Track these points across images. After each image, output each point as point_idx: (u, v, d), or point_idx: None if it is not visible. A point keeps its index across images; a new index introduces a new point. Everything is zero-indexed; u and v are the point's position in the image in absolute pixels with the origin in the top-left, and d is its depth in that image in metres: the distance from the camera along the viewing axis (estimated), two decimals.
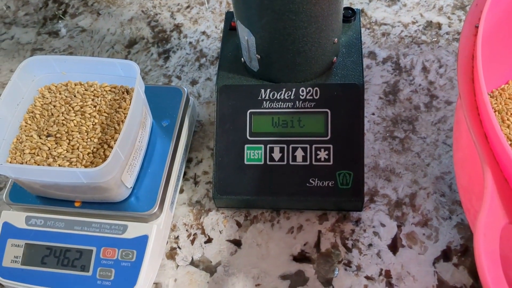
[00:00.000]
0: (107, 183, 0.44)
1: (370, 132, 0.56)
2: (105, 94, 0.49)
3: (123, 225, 0.48)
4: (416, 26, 0.65)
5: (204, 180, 0.56)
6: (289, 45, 0.47)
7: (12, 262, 0.48)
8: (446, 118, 0.56)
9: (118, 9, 0.73)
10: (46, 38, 0.72)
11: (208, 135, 0.59)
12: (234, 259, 0.51)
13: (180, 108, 0.54)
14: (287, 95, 0.51)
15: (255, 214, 0.53)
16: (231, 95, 0.52)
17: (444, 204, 0.51)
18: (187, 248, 0.52)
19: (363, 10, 0.67)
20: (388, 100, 0.59)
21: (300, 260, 0.50)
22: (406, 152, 0.55)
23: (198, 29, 0.69)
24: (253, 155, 0.51)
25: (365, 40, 0.64)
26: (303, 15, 0.44)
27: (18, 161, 0.46)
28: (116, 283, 0.47)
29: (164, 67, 0.66)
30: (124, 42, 0.69)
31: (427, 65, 0.61)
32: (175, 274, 0.50)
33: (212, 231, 0.53)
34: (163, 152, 0.51)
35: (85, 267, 0.47)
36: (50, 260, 0.48)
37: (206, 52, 0.66)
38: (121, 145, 0.43)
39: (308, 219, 0.52)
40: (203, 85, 0.63)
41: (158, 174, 0.50)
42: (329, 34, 0.48)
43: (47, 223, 0.49)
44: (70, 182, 0.44)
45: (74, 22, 0.73)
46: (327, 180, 0.50)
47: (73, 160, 0.45)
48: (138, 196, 0.49)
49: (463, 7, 0.66)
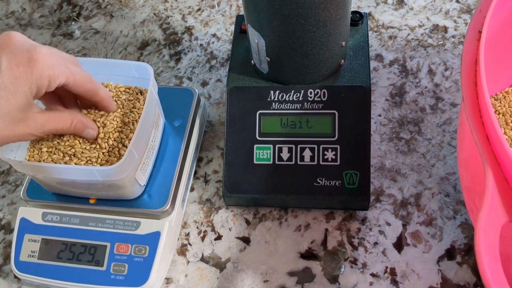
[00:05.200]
0: (122, 181, 0.46)
1: (377, 133, 0.58)
2: (120, 95, 0.51)
3: (136, 222, 0.50)
4: (422, 29, 0.66)
5: (214, 179, 0.57)
6: (298, 48, 0.48)
7: (29, 257, 0.50)
8: (451, 120, 0.58)
9: (130, 11, 0.75)
10: (60, 40, 0.74)
11: (218, 135, 0.61)
12: (243, 255, 0.52)
13: (192, 109, 0.55)
14: (296, 96, 0.53)
15: (263, 212, 0.54)
16: (241, 96, 0.54)
17: (449, 204, 0.52)
18: (197, 245, 0.53)
19: (370, 14, 0.68)
20: (394, 102, 0.60)
21: (307, 257, 0.51)
22: (412, 153, 0.56)
23: (208, 32, 0.70)
24: (262, 155, 0.52)
25: (372, 43, 0.65)
26: (312, 19, 0.45)
27: (35, 159, 0.48)
28: (129, 277, 0.48)
29: (175, 69, 0.67)
30: (137, 44, 0.71)
31: (433, 68, 0.62)
32: (185, 270, 0.52)
33: (222, 228, 0.54)
34: (175, 151, 0.53)
35: (99, 262, 0.49)
36: (65, 255, 0.50)
37: (216, 54, 0.68)
38: (135, 144, 0.45)
39: (315, 218, 0.53)
40: (213, 86, 0.65)
41: (170, 173, 0.51)
42: (337, 38, 0.49)
43: (63, 219, 0.51)
44: (86, 180, 0.46)
45: (88, 24, 0.75)
46: (334, 180, 0.51)
47: (89, 159, 0.47)
48: (151, 193, 0.51)
49: (469, 11, 0.67)
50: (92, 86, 0.45)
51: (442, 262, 0.49)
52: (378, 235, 0.51)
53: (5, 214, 0.58)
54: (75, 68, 0.43)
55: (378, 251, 0.51)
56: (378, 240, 0.51)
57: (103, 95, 0.47)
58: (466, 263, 0.49)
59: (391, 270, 0.49)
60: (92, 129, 0.47)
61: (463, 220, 0.51)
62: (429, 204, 0.53)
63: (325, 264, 0.50)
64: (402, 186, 0.54)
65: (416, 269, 0.49)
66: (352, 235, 0.52)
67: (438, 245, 0.50)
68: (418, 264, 0.49)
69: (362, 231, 0.52)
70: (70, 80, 0.42)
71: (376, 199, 0.54)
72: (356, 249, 0.51)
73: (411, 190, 0.54)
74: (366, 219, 0.52)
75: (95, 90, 0.46)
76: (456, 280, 0.48)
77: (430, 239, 0.51)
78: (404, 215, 0.52)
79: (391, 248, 0.51)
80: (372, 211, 0.53)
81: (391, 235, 0.51)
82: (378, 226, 0.52)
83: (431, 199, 0.53)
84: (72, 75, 0.42)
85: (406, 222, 0.52)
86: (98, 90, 0.46)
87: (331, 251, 0.51)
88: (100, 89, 0.46)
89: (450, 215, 0.52)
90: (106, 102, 0.47)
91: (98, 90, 0.46)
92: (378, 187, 0.54)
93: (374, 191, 0.54)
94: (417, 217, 0.52)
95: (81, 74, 0.43)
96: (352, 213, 0.53)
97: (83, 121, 0.46)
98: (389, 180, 0.55)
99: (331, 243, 0.52)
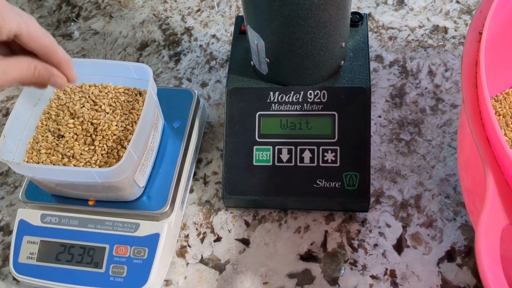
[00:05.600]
0: (121, 183, 0.46)
1: (377, 134, 0.58)
2: (119, 96, 0.51)
3: (135, 223, 0.50)
4: (422, 30, 0.66)
5: (213, 180, 0.57)
6: (297, 50, 0.48)
7: (28, 259, 0.50)
8: (451, 121, 0.57)
9: (130, 12, 0.75)
10: (59, 41, 0.73)
11: (217, 136, 0.61)
12: (242, 257, 0.52)
13: (191, 110, 0.55)
14: (295, 98, 0.53)
15: (263, 214, 0.54)
16: (241, 97, 0.53)
17: (449, 206, 0.52)
18: (196, 247, 0.53)
19: (370, 14, 0.68)
20: (394, 103, 0.60)
21: (307, 259, 0.51)
22: (412, 154, 0.56)
23: (208, 32, 0.70)
24: (261, 156, 0.52)
25: (372, 44, 0.65)
26: (312, 20, 0.45)
27: (34, 160, 0.48)
28: (128, 279, 0.48)
29: (175, 70, 0.67)
30: (136, 45, 0.71)
31: (433, 69, 0.62)
32: (185, 272, 0.52)
33: (221, 230, 0.54)
34: (174, 152, 0.53)
35: (98, 264, 0.49)
36: (64, 257, 0.49)
37: (216, 55, 0.68)
38: (135, 145, 0.45)
39: (315, 219, 0.53)
40: (213, 87, 0.65)
41: (169, 174, 0.51)
42: (337, 39, 0.49)
43: (61, 221, 0.51)
44: (85, 182, 0.45)
45: (87, 25, 0.75)
46: (334, 181, 0.51)
47: (88, 160, 0.47)
48: (150, 195, 0.50)
49: (469, 12, 0.67)
50: (49, 42, 0.39)
51: (442, 264, 0.49)
52: (378, 237, 0.51)
53: (4, 216, 0.58)
54: (30, 19, 0.38)
55: (378, 253, 0.50)
56: (378, 242, 0.51)
57: (62, 57, 0.41)
58: (466, 265, 0.49)
59: (391, 272, 0.49)
60: (58, 76, 0.41)
61: (463, 222, 0.51)
62: (429, 206, 0.52)
63: (325, 266, 0.50)
64: (402, 187, 0.54)
65: (416, 271, 0.49)
66: (352, 237, 0.52)
67: (438, 247, 0.50)
68: (418, 266, 0.49)
69: (362, 233, 0.52)
70: (23, 30, 0.37)
71: (376, 201, 0.53)
72: (356, 251, 0.51)
73: (411, 192, 0.53)
74: (366, 221, 0.52)
75: (53, 49, 0.40)
76: (456, 282, 0.48)
77: (430, 240, 0.50)
78: (404, 217, 0.52)
79: (391, 250, 0.50)
80: (372, 213, 0.53)
81: (391, 236, 0.51)
82: (378, 228, 0.52)
83: (431, 201, 0.53)
84: (25, 24, 0.37)
85: (406, 223, 0.52)
86: (57, 49, 0.40)
87: (331, 253, 0.51)
88: (58, 49, 0.40)
89: (450, 217, 0.51)
90: (65, 66, 0.41)
91: (56, 50, 0.40)
92: (378, 188, 0.54)
93: (374, 193, 0.54)
94: (417, 218, 0.52)
95: (36, 27, 0.38)
96: (352, 215, 0.53)
97: (47, 67, 0.40)
98: (389, 181, 0.54)
99: (330, 245, 0.51)
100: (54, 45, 0.40)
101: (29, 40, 0.38)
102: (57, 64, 0.41)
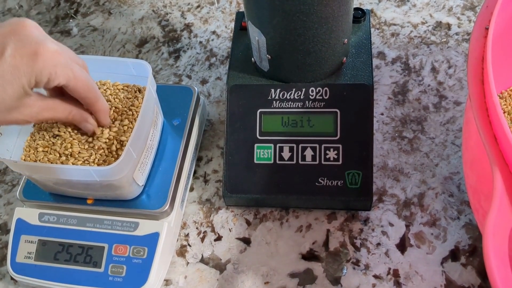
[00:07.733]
0: (120, 181, 0.45)
1: (379, 132, 0.57)
2: (118, 93, 0.50)
3: (135, 223, 0.49)
4: (425, 26, 0.65)
5: (214, 179, 0.57)
6: (299, 46, 0.47)
7: (26, 258, 0.49)
8: (455, 119, 0.57)
9: (129, 8, 0.74)
10: (58, 37, 0.73)
11: (218, 134, 0.60)
12: (243, 257, 0.51)
13: (191, 107, 0.55)
14: (297, 95, 0.52)
15: (264, 212, 0.54)
16: (242, 94, 0.53)
17: (453, 204, 0.51)
18: (197, 246, 0.52)
19: (372, 11, 0.67)
20: (397, 100, 0.59)
21: (308, 258, 0.50)
22: (415, 152, 0.55)
23: (208, 29, 0.69)
24: (262, 154, 0.51)
25: (374, 40, 0.64)
26: (314, 16, 0.44)
27: (31, 159, 0.47)
28: (128, 279, 0.47)
29: (174, 66, 0.66)
30: (135, 41, 0.70)
31: (436, 66, 0.61)
32: (185, 271, 0.51)
33: (222, 229, 0.53)
34: (174, 150, 0.52)
35: (97, 264, 0.48)
36: (62, 256, 0.49)
37: (216, 52, 0.67)
38: (134, 143, 0.44)
39: (317, 218, 0.52)
40: (213, 84, 0.64)
41: (169, 172, 0.51)
42: (339, 35, 0.48)
43: (60, 220, 0.50)
44: (83, 180, 0.45)
45: (85, 21, 0.74)
46: (336, 180, 0.50)
47: (86, 158, 0.46)
48: (150, 194, 0.50)
49: (472, 8, 0.66)
50: (92, 95, 0.44)
51: (446, 264, 0.48)
52: (381, 236, 0.51)
53: (1, 215, 0.58)
54: (80, 73, 0.42)
55: (380, 252, 0.50)
56: (380, 241, 0.50)
57: (100, 107, 0.45)
58: (471, 265, 0.48)
59: (394, 272, 0.49)
60: (91, 124, 0.46)
61: (467, 221, 0.50)
62: (433, 204, 0.52)
63: (327, 265, 0.50)
64: (405, 186, 0.53)
65: (419, 270, 0.48)
66: (354, 236, 0.51)
67: (442, 246, 0.49)
68: (422, 266, 0.49)
69: (365, 232, 0.51)
70: (70, 84, 0.41)
71: (378, 199, 0.53)
72: (358, 250, 0.50)
73: (414, 190, 0.53)
74: (368, 220, 0.52)
75: (94, 100, 0.44)
76: (460, 281, 0.47)
77: (433, 240, 0.50)
78: (407, 216, 0.51)
79: (394, 249, 0.50)
80: (375, 212, 0.52)
81: (394, 235, 0.51)
82: (380, 227, 0.51)
83: (434, 199, 0.52)
84: (74, 78, 0.41)
85: (409, 222, 0.51)
86: (97, 101, 0.45)
87: (333, 252, 0.50)
88: (99, 101, 0.45)
89: (454, 216, 0.51)
90: (101, 114, 0.46)
91: (96, 101, 0.44)
92: (381, 187, 0.53)
93: (377, 191, 0.53)
94: (420, 217, 0.51)
95: (83, 81, 0.42)
96: (354, 214, 0.52)
97: (82, 113, 0.45)
98: (391, 180, 0.54)
99: (333, 244, 0.51)
100: (95, 97, 0.44)
101: (73, 92, 0.42)
102: (95, 113, 0.46)
